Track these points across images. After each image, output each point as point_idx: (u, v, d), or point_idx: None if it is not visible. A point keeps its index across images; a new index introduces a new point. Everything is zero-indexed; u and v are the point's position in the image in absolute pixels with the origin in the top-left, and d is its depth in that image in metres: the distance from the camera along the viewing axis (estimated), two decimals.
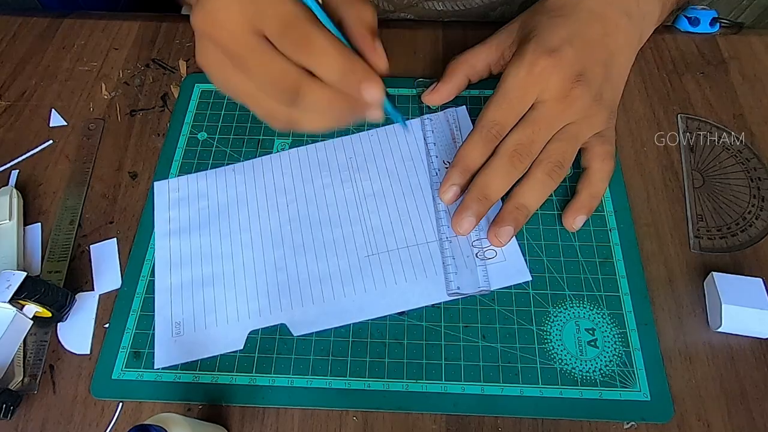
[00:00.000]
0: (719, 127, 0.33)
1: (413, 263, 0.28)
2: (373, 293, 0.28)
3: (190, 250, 0.29)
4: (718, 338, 0.27)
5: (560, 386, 0.26)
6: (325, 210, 0.30)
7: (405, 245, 0.29)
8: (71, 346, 0.28)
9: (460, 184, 0.28)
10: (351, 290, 0.28)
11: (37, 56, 0.38)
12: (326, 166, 0.32)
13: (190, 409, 0.26)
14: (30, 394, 0.26)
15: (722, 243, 0.29)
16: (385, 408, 0.25)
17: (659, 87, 0.35)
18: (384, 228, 0.29)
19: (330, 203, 0.30)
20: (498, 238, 0.27)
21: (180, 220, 0.30)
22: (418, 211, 0.30)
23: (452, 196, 0.28)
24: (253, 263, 0.29)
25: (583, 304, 0.28)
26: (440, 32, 0.38)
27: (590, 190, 0.29)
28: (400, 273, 0.28)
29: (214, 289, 0.28)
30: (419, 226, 0.29)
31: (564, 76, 0.27)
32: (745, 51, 0.36)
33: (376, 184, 0.31)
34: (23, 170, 0.33)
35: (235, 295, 0.28)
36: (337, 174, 0.31)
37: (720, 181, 0.31)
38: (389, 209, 0.30)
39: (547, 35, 0.28)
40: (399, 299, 0.27)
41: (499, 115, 0.28)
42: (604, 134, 0.29)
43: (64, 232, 0.31)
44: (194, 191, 0.31)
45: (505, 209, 0.28)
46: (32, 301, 0.26)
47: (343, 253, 0.29)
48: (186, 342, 0.27)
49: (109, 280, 0.29)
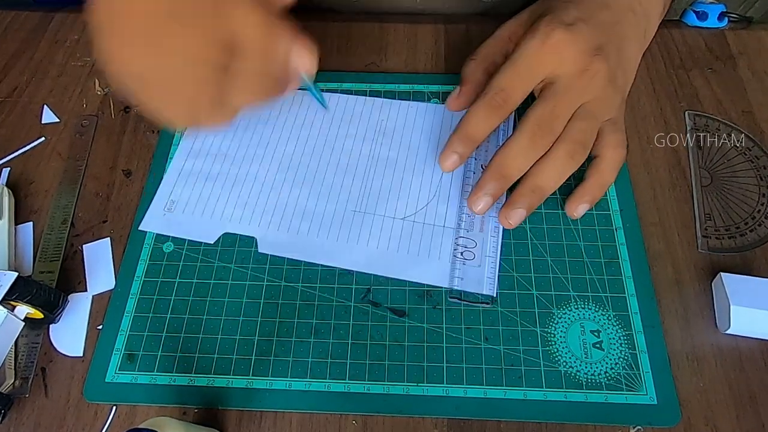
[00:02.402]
0: (728, 124, 0.32)
1: (391, 234, 0.29)
2: (344, 245, 0.29)
3: (212, 144, 0.32)
4: (726, 340, 0.26)
5: (565, 389, 0.25)
6: (338, 156, 0.32)
7: (392, 216, 0.29)
8: (64, 348, 0.27)
9: (461, 152, 0.28)
10: (325, 234, 0.29)
11: (28, 51, 0.37)
12: (357, 119, 0.33)
13: (186, 412, 0.25)
14: (21, 398, 0.26)
15: (731, 243, 0.29)
16: (385, 412, 0.25)
17: (666, 83, 0.34)
18: (381, 193, 0.30)
19: (345, 152, 0.32)
20: (508, 219, 0.27)
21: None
22: (419, 189, 0.30)
23: (451, 164, 0.28)
24: (255, 177, 0.31)
25: (588, 305, 0.27)
26: (442, 26, 0.37)
27: (598, 179, 0.28)
28: (376, 238, 0.29)
29: (214, 184, 0.31)
30: (414, 201, 0.30)
31: (581, 48, 0.26)
32: (754, 46, 0.35)
33: (393, 152, 0.32)
34: (15, 168, 0.33)
35: (228, 197, 0.30)
36: (363, 129, 0.32)
37: (728, 179, 0.31)
38: (393, 178, 0.31)
39: (562, 13, 0.27)
40: (363, 261, 0.28)
41: (505, 81, 0.27)
42: (615, 122, 0.28)
43: (56, 232, 0.30)
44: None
45: (520, 190, 0.27)
46: (24, 302, 0.25)
47: (334, 200, 0.30)
48: (172, 218, 0.30)
49: (102, 280, 0.29)
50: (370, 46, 0.36)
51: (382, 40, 0.36)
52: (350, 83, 0.34)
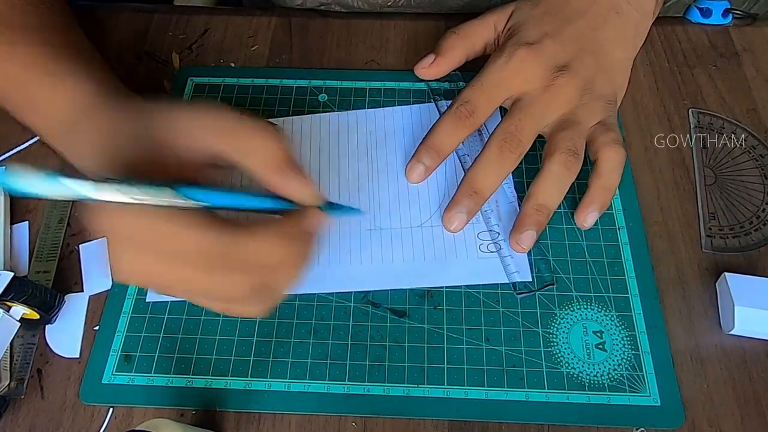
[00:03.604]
0: (732, 122, 0.32)
1: (413, 244, 0.28)
2: (368, 266, 0.27)
3: None
4: (730, 341, 0.26)
5: (567, 391, 0.25)
6: (336, 178, 0.30)
7: (409, 225, 0.29)
8: (60, 349, 0.27)
9: (428, 164, 0.28)
10: (347, 260, 0.28)
11: None
12: (345, 136, 0.31)
13: (183, 414, 0.25)
14: (17, 399, 0.26)
15: (735, 242, 0.28)
16: (385, 414, 0.25)
17: (670, 81, 0.34)
18: (391, 205, 0.29)
19: (342, 172, 0.30)
20: (520, 244, 0.26)
21: None
22: (428, 193, 0.30)
23: (417, 176, 0.29)
24: None
25: (591, 305, 0.27)
26: (443, 23, 0.36)
27: (601, 183, 0.27)
28: (398, 251, 0.28)
29: None
30: (426, 207, 0.29)
31: (544, 66, 0.27)
32: (759, 43, 0.35)
33: (391, 160, 0.31)
34: (11, 166, 0.32)
35: None
36: (355, 147, 0.31)
37: (733, 178, 0.30)
38: (399, 187, 0.30)
39: (530, 30, 0.29)
40: (392, 278, 0.27)
41: (470, 94, 0.28)
42: (605, 122, 0.28)
43: (52, 231, 0.30)
44: None
45: (525, 212, 0.27)
46: (19, 302, 0.25)
47: (345, 224, 0.29)
48: None
49: (99, 280, 0.28)
50: (370, 44, 0.36)
51: (382, 38, 0.36)
52: (350, 81, 0.34)
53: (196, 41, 0.37)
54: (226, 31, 0.37)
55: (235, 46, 0.36)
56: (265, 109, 0.33)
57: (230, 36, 0.37)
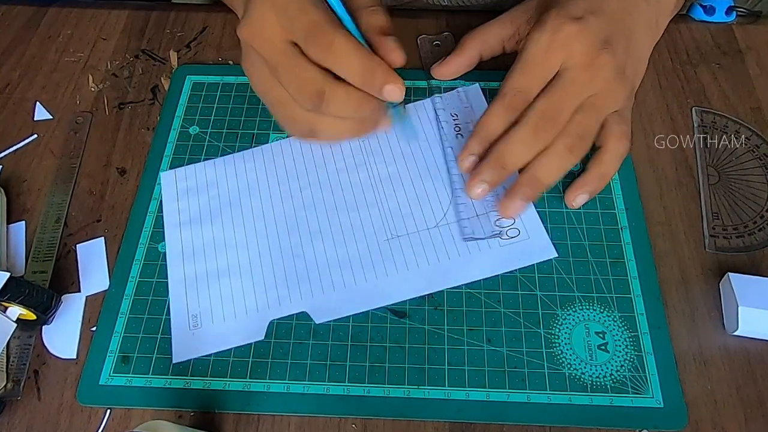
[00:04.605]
0: (735, 121, 0.32)
1: (434, 245, 0.28)
2: (395, 277, 0.27)
3: (203, 240, 0.29)
4: (734, 342, 0.26)
5: (569, 392, 0.25)
6: (341, 194, 0.30)
7: (425, 227, 0.28)
8: (57, 350, 0.26)
9: (479, 153, 0.27)
10: (372, 275, 0.27)
11: (21, 47, 0.36)
12: (339, 150, 0.31)
13: (182, 416, 0.25)
14: (14, 401, 0.25)
15: (739, 242, 0.28)
16: (385, 415, 0.24)
17: (673, 79, 0.33)
18: (402, 210, 0.29)
19: (345, 187, 0.30)
20: (506, 210, 0.27)
21: (190, 211, 0.30)
22: (436, 192, 0.29)
23: (469, 165, 0.27)
24: (269, 251, 0.28)
25: (593, 306, 0.26)
26: (444, 21, 0.36)
27: (600, 169, 0.27)
28: (421, 255, 0.27)
29: (230, 279, 0.27)
30: (438, 206, 0.29)
31: (589, 42, 0.26)
32: (763, 41, 0.34)
33: (391, 166, 0.30)
34: (6, 166, 0.32)
35: (253, 285, 0.27)
36: (350, 158, 0.31)
37: (736, 177, 0.30)
38: (406, 191, 0.29)
39: (570, 5, 0.27)
40: (422, 282, 0.27)
41: (522, 82, 0.26)
42: (622, 113, 0.28)
43: (49, 231, 0.30)
44: (203, 180, 0.31)
45: (519, 181, 0.26)
46: (16, 303, 0.25)
47: (362, 238, 0.28)
48: (204, 334, 0.26)
49: (96, 281, 0.28)
50: None
51: None
52: None
53: (194, 39, 0.36)
54: (224, 29, 0.37)
55: (234, 44, 0.36)
56: (263, 108, 0.33)
57: (228, 34, 0.36)
